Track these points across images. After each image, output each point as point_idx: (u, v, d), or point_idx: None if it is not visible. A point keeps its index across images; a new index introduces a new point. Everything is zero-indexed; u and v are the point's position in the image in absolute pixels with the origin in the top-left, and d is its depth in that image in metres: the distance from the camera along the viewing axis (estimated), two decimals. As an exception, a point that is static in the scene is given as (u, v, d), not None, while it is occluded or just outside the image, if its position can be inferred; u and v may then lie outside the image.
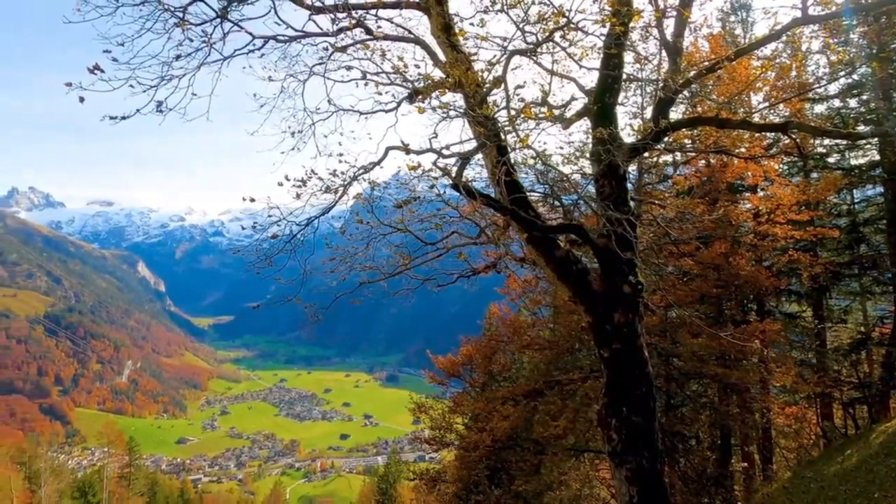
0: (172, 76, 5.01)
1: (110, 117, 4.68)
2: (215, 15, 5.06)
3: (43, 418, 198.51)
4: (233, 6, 5.07)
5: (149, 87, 4.88)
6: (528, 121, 5.46)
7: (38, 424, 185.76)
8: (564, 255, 6.85)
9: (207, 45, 5.12)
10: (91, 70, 4.39)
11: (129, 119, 4.71)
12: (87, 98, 4.90)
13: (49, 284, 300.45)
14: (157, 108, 4.95)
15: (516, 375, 18.85)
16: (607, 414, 6.79)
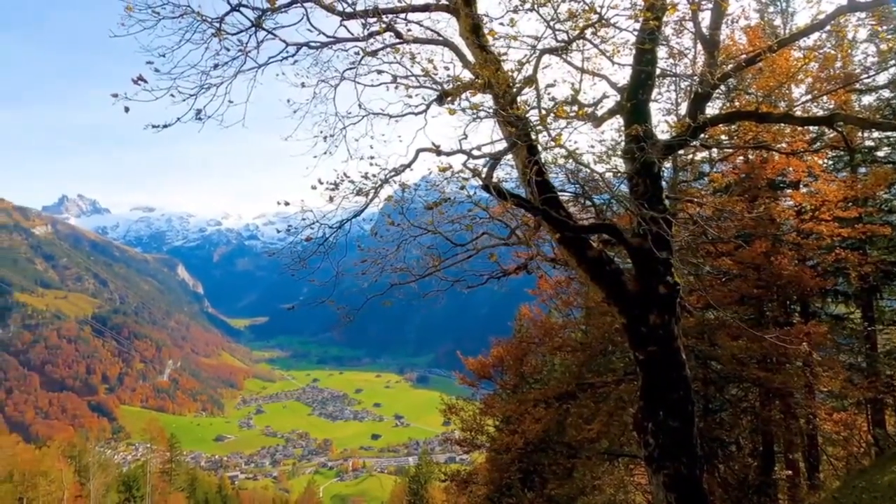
0: (210, 84, 5.19)
1: (153, 126, 4.88)
2: (251, 24, 5.21)
3: (91, 415, 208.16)
4: (267, 15, 5.21)
5: (188, 95, 5.07)
6: (560, 120, 5.39)
7: (86, 420, 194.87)
8: (597, 255, 6.73)
9: (243, 53, 5.28)
10: (135, 81, 4.59)
11: (170, 127, 4.91)
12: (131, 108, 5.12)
13: (96, 287, 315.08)
14: (196, 116, 5.14)
15: (548, 377, 18.61)
16: (643, 418, 6.64)
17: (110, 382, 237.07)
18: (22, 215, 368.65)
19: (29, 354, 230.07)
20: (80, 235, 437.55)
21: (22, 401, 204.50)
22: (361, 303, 7.89)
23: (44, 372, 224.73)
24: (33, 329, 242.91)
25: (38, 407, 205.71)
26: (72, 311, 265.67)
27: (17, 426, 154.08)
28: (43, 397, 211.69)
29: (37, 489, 47.05)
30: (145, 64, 4.80)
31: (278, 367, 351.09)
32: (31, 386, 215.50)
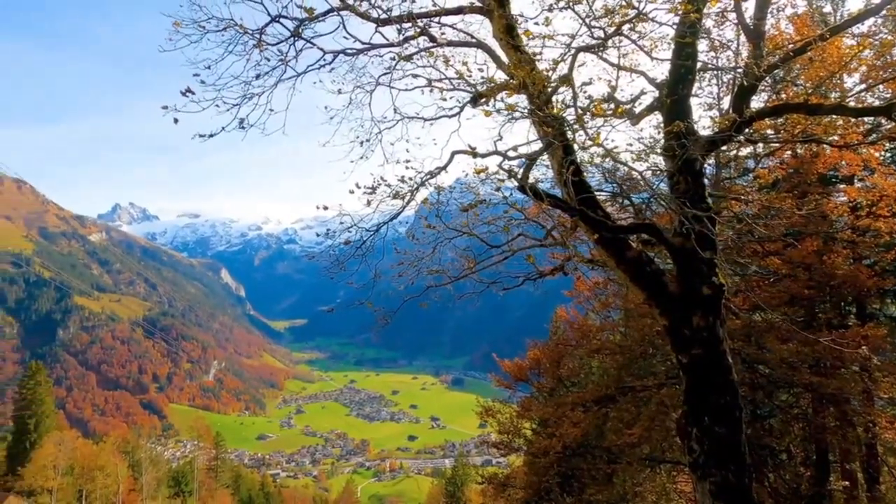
0: (253, 94, 5.39)
1: (200, 135, 5.11)
2: (290, 34, 5.38)
3: (143, 412, 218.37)
4: (305, 24, 5.37)
5: (232, 105, 5.28)
6: (597, 118, 5.31)
7: (139, 418, 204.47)
8: (636, 255, 6.58)
9: (283, 63, 5.45)
10: (183, 93, 4.82)
11: (215, 136, 5.13)
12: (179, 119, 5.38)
13: (146, 290, 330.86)
14: (239, 125, 5.35)
15: (585, 381, 18.28)
16: (687, 423, 6.43)
17: (160, 381, 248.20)
18: (79, 223, 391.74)
19: (87, 354, 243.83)
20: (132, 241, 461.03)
21: (81, 398, 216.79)
22: (398, 305, 7.99)
23: (100, 371, 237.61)
24: (90, 330, 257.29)
25: (95, 404, 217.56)
26: (125, 313, 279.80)
27: (76, 422, 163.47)
28: (99, 395, 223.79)
29: (94, 482, 49.72)
30: (192, 76, 5.04)
31: (317, 369, 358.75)
32: (89, 384, 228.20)
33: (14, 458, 47.68)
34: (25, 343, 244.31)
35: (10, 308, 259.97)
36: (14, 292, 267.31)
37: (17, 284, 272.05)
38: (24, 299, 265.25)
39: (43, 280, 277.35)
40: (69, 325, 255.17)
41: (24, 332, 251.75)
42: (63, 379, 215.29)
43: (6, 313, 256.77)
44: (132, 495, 53.48)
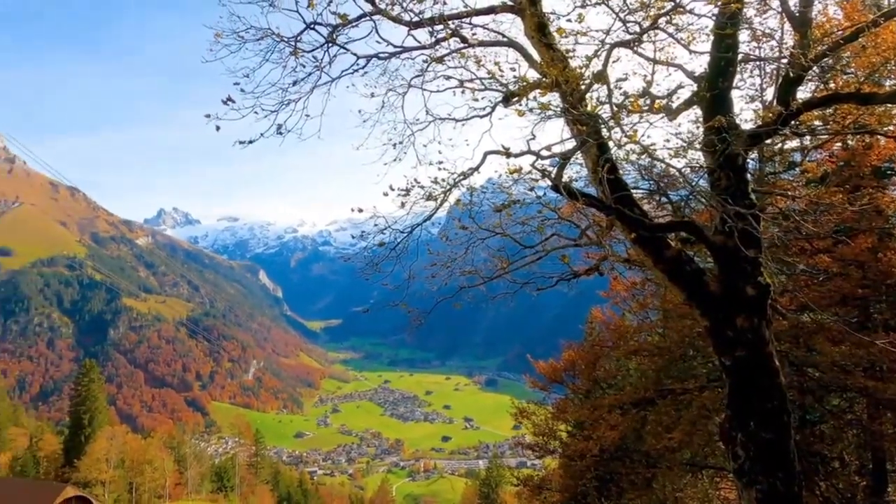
0: (289, 100, 5.54)
1: (240, 142, 5.29)
2: (324, 40, 5.51)
3: (187, 409, 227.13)
4: (339, 30, 5.47)
5: (270, 111, 5.45)
6: (633, 114, 5.19)
7: (183, 414, 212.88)
8: (675, 254, 6.39)
9: (318, 69, 5.58)
10: (224, 101, 5.01)
11: (255, 142, 5.30)
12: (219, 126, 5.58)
13: (189, 292, 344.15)
14: (277, 131, 5.51)
15: (622, 383, 17.88)
16: (731, 428, 6.20)
17: (203, 380, 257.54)
18: (127, 228, 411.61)
19: (135, 353, 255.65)
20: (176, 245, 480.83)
21: (130, 395, 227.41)
22: (432, 305, 8.03)
23: (147, 369, 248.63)
24: (138, 330, 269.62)
25: (143, 401, 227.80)
26: (169, 313, 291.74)
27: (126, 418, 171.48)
28: (147, 392, 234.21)
29: (143, 476, 52.08)
30: (231, 85, 5.21)
31: (352, 368, 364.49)
32: (137, 382, 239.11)
33: (70, 450, 50.48)
34: (80, 342, 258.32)
35: (66, 309, 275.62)
36: (69, 294, 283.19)
37: (72, 286, 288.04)
38: (79, 300, 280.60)
39: (95, 282, 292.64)
40: (119, 325, 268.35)
41: (79, 331, 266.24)
42: (114, 376, 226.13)
43: (62, 314, 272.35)
44: (178, 489, 55.74)
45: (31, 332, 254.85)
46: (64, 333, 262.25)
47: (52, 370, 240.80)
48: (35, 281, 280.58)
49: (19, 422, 68.92)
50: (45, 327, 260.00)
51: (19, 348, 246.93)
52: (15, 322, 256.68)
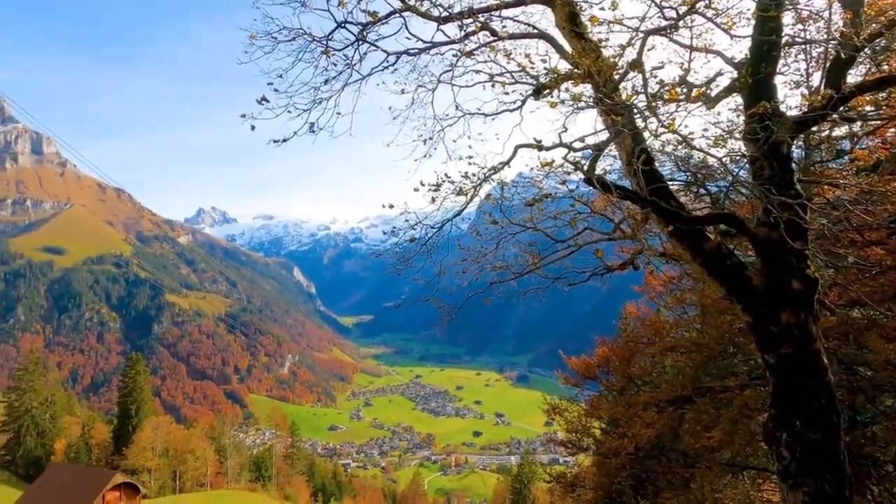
0: (321, 99, 5.62)
1: (274, 141, 5.41)
2: (355, 38, 5.55)
3: (226, 401, 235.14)
4: (369, 28, 5.51)
5: (303, 110, 5.54)
6: (669, 103, 5.03)
7: (223, 406, 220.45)
8: (714, 248, 6.17)
9: (349, 67, 5.63)
10: (259, 101, 5.12)
11: (288, 141, 5.40)
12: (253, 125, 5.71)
13: (227, 288, 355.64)
14: (310, 129, 5.60)
15: (658, 380, 17.44)
16: (776, 428, 5.96)
17: (241, 373, 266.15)
18: (169, 227, 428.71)
19: (177, 347, 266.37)
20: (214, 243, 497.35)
21: (173, 387, 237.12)
22: (461, 301, 8.01)
23: (189, 362, 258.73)
24: (180, 325, 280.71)
25: (185, 393, 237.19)
26: (209, 309, 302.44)
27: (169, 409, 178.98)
28: (189, 384, 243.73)
29: (186, 464, 54.29)
30: (265, 86, 5.32)
31: (383, 363, 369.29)
32: (180, 374, 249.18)
33: (119, 439, 53.10)
34: (126, 336, 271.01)
35: (114, 304, 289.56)
36: (116, 290, 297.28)
37: (119, 283, 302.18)
38: (125, 297, 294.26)
39: (140, 279, 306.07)
40: (162, 320, 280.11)
41: (126, 326, 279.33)
42: (158, 369, 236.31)
43: (111, 309, 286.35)
44: (218, 478, 57.83)
45: (83, 326, 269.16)
46: (112, 328, 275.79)
47: (102, 363, 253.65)
48: (85, 278, 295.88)
49: (73, 411, 72.92)
50: (95, 322, 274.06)
51: (72, 342, 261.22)
52: (68, 317, 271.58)
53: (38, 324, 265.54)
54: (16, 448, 54.12)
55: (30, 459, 53.75)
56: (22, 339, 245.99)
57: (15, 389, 55.81)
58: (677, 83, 5.58)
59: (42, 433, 55.18)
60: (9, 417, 54.52)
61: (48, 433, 55.69)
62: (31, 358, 59.81)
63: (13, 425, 54.09)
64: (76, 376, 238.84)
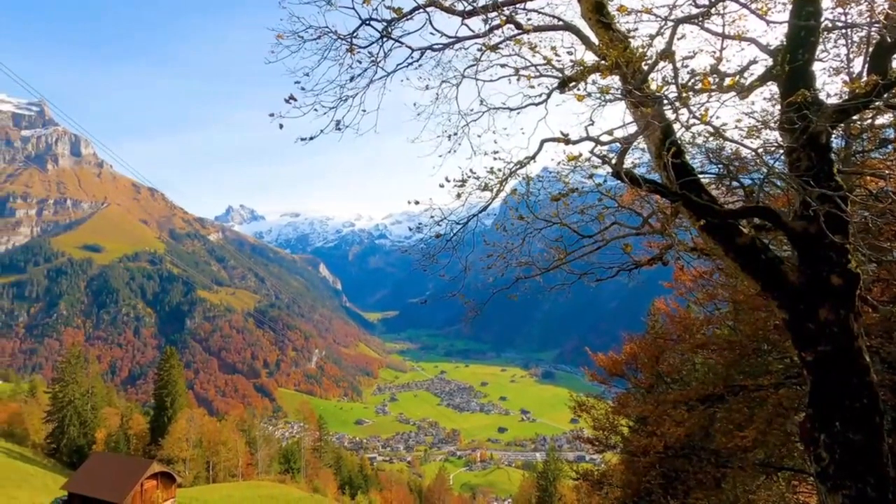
0: (347, 96, 5.67)
1: (301, 138, 5.48)
2: (379, 35, 5.57)
3: (256, 395, 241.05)
4: (394, 24, 5.52)
5: (329, 108, 5.60)
6: (700, 94, 4.88)
7: (253, 400, 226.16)
8: (748, 242, 5.98)
9: (374, 63, 5.66)
10: (287, 100, 5.20)
11: (315, 139, 5.46)
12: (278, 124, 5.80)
13: (256, 284, 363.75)
14: (336, 127, 5.65)
15: (688, 377, 17.06)
16: (813, 428, 5.76)
17: (270, 367, 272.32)
18: (200, 225, 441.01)
19: (209, 342, 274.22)
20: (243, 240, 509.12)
21: (206, 380, 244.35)
22: (486, 296, 7.98)
23: (220, 357, 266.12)
24: (211, 321, 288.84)
25: (217, 386, 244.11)
26: (239, 305, 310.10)
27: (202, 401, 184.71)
28: (220, 378, 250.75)
29: (218, 455, 55.90)
30: (293, 84, 5.39)
31: (408, 359, 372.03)
32: (212, 368, 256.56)
33: (155, 430, 55.04)
34: (161, 330, 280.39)
35: (149, 300, 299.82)
36: (151, 287, 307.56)
37: (154, 280, 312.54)
38: (159, 293, 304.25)
39: (173, 276, 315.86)
40: (195, 316, 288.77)
41: (160, 321, 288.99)
42: (191, 363, 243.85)
43: (146, 305, 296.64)
44: (249, 469, 59.38)
45: (120, 321, 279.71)
46: (147, 323, 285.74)
47: (139, 356, 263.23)
48: (122, 275, 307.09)
49: (112, 403, 75.94)
50: (131, 317, 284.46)
51: (111, 336, 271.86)
52: (107, 312, 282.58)
53: (79, 318, 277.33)
54: (60, 437, 56.68)
55: (73, 448, 56.24)
56: (65, 333, 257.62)
57: (59, 381, 58.38)
58: (709, 73, 5.42)
59: (84, 423, 57.62)
60: (53, 408, 57.09)
61: (89, 423, 58.12)
62: (73, 351, 62.43)
63: (58, 415, 56.62)
64: (115, 369, 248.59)
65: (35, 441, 59.62)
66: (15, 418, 62.84)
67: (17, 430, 61.24)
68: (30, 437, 60.11)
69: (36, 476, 46.43)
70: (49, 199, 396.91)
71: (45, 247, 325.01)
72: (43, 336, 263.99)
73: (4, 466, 46.22)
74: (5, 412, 64.75)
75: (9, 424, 62.29)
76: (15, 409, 65.16)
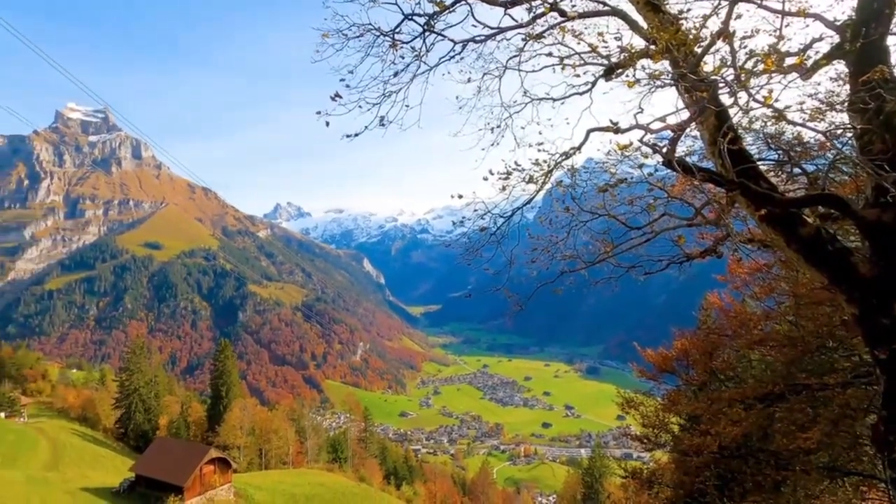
0: (390, 92, 5.71)
1: (346, 135, 5.58)
2: (422, 29, 5.57)
3: (304, 386, 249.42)
4: (436, 18, 5.51)
5: (373, 104, 5.66)
6: (759, 76, 4.60)
7: (301, 390, 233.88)
8: (813, 232, 5.61)
9: (417, 58, 5.68)
10: (333, 98, 5.29)
11: (360, 135, 5.56)
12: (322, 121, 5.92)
13: (303, 279, 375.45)
14: (380, 123, 5.71)
15: (744, 375, 16.27)
16: (888, 431, 5.37)
17: (317, 359, 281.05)
18: (250, 222, 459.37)
19: (260, 334, 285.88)
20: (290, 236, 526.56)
21: (257, 371, 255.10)
22: (529, 290, 7.88)
23: (270, 349, 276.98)
24: (262, 314, 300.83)
25: (268, 377, 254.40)
26: (287, 299, 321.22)
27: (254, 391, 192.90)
28: (270, 369, 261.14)
29: (270, 443, 58.27)
30: (338, 82, 5.49)
31: (451, 352, 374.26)
32: (263, 360, 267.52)
33: (212, 418, 57.98)
34: (216, 323, 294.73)
35: (205, 294, 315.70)
36: (206, 282, 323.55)
37: (208, 275, 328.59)
38: (214, 287, 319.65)
39: (226, 271, 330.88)
40: (246, 309, 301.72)
41: (215, 314, 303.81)
42: (244, 354, 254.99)
43: (202, 299, 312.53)
44: (299, 457, 61.57)
45: (179, 314, 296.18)
46: (203, 316, 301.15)
47: (196, 347, 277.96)
48: (180, 271, 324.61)
49: (173, 391, 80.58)
50: (188, 311, 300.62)
51: (170, 328, 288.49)
52: (166, 306, 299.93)
53: (142, 312, 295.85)
54: (128, 422, 60.75)
55: (139, 432, 60.15)
56: (130, 326, 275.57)
57: (125, 370, 62.46)
58: (768, 53, 5.10)
59: (148, 410, 61.46)
60: (121, 395, 61.18)
61: (153, 410, 61.94)
62: (138, 343, 66.59)
63: (125, 402, 60.65)
64: (174, 359, 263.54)
65: (105, 425, 64.18)
66: (88, 404, 67.86)
67: (90, 414, 66.12)
68: (101, 422, 64.74)
69: (107, 458, 50.03)
70: (114, 199, 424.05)
71: (110, 245, 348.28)
72: (111, 328, 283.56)
73: (80, 448, 50.04)
74: (79, 398, 70.05)
75: (83, 409, 67.35)
76: (88, 396, 70.36)
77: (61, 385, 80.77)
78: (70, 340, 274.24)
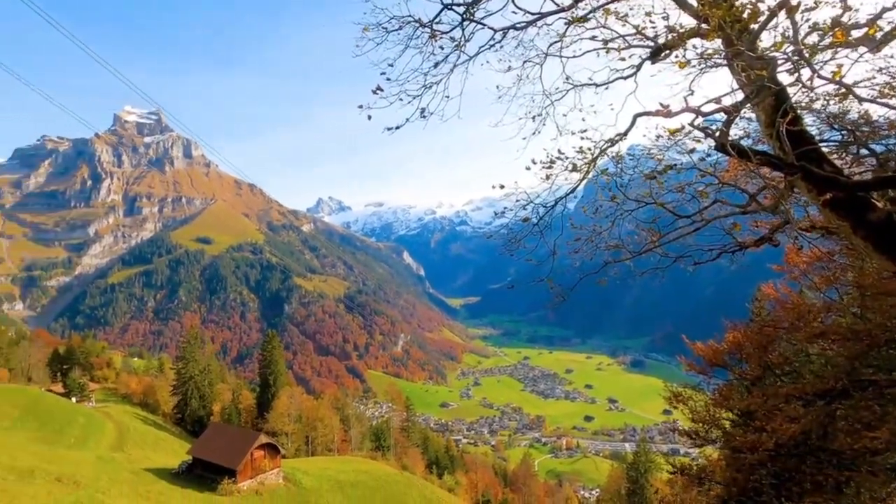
0: (430, 83, 5.68)
1: (388, 128, 5.61)
2: (461, 18, 5.51)
3: (347, 376, 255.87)
4: (475, 6, 5.43)
5: (413, 97, 5.65)
6: (824, 52, 4.29)
7: (345, 380, 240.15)
8: (883, 218, 5.22)
9: (457, 48, 5.62)
10: (374, 91, 5.33)
11: (401, 128, 5.57)
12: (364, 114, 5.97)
13: (345, 272, 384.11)
14: (421, 115, 5.71)
15: (802, 370, 15.43)
16: (969, 431, 4.96)
17: (359, 350, 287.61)
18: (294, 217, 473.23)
19: (305, 326, 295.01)
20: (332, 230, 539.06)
21: (302, 361, 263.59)
22: (571, 281, 7.72)
23: (315, 339, 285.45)
24: (306, 306, 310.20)
25: (313, 367, 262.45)
26: (330, 291, 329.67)
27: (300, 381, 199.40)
28: (315, 360, 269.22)
29: (316, 431, 60.19)
30: (379, 75, 5.51)
31: (491, 344, 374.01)
32: (308, 350, 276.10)
33: (261, 405, 60.47)
34: (263, 315, 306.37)
35: (252, 287, 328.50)
36: (253, 275, 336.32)
37: (255, 268, 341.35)
38: (260, 280, 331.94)
39: (272, 264, 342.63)
40: (292, 301, 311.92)
41: (262, 306, 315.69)
42: (290, 345, 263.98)
43: (249, 291, 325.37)
44: (343, 445, 63.33)
45: (229, 306, 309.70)
46: (251, 308, 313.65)
47: (245, 338, 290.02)
48: (229, 264, 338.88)
49: (225, 379, 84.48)
50: (238, 303, 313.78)
51: (221, 319, 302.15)
52: (217, 298, 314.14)
53: (195, 303, 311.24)
54: (184, 408, 64.24)
55: (194, 418, 63.48)
56: (184, 317, 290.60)
57: (181, 359, 65.92)
58: (833, 25, 4.74)
59: (202, 397, 64.71)
60: (178, 382, 64.67)
61: (207, 397, 65.17)
62: (192, 333, 70.06)
63: (181, 389, 64.10)
64: (226, 349, 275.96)
65: (164, 411, 68.07)
66: (148, 391, 72.18)
67: (151, 400, 70.34)
68: (160, 407, 68.73)
69: (167, 441, 53.11)
70: (167, 197, 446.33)
71: (165, 240, 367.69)
72: (167, 319, 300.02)
73: (143, 431, 53.34)
74: (141, 385, 74.55)
75: (144, 395, 71.69)
76: (148, 383, 74.79)
77: (124, 372, 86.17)
78: (131, 331, 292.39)
